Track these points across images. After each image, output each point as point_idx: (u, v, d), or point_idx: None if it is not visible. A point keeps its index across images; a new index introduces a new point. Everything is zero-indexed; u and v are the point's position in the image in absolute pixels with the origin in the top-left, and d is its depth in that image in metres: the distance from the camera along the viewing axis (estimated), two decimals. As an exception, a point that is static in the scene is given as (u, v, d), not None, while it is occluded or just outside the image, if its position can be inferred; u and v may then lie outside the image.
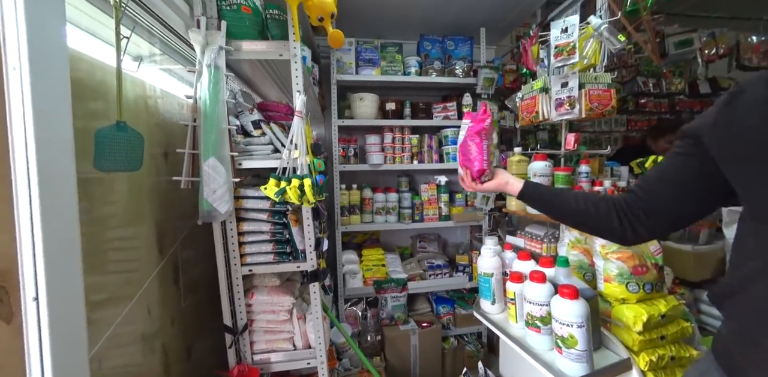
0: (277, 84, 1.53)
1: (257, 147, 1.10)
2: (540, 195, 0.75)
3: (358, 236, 2.04)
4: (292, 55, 1.06)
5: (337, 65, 1.74)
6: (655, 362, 0.73)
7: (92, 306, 0.66)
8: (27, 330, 0.46)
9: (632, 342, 0.76)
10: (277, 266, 1.04)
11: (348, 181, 1.80)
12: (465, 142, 0.85)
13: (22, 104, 0.50)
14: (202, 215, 0.94)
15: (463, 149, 0.85)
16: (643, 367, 0.73)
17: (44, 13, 0.53)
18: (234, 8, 1.06)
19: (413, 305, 1.90)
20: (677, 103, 2.57)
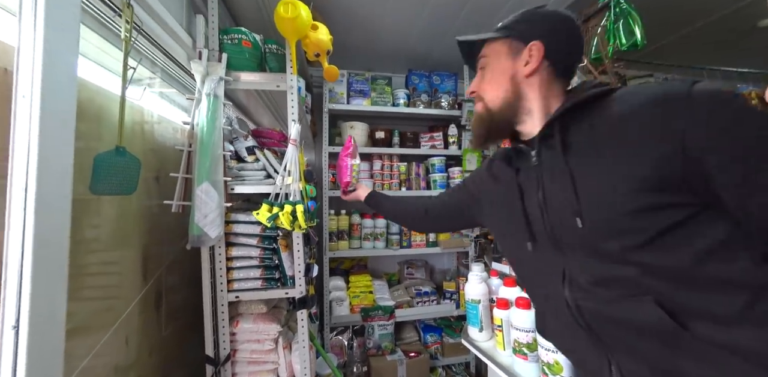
0: (270, 111, 1.59)
1: (250, 173, 1.12)
2: (377, 202, 1.08)
3: (346, 262, 2.01)
4: (288, 86, 1.13)
5: (330, 95, 1.83)
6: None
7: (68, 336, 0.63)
8: (1, 359, 0.44)
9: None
10: (264, 292, 1.02)
11: (337, 206, 1.82)
12: (338, 161, 1.18)
13: (28, 132, 0.51)
14: (191, 240, 0.93)
15: (338, 167, 1.18)
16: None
17: (60, 46, 0.57)
18: (235, 42, 1.14)
19: (400, 333, 1.84)
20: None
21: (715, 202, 0.41)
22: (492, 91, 0.59)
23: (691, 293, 0.41)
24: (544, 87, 0.56)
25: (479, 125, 0.62)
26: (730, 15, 1.65)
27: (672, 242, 0.42)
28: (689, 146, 0.40)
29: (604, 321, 0.48)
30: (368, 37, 1.70)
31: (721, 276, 0.40)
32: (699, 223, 0.42)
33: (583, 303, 0.49)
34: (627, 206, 0.43)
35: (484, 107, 0.60)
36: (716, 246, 0.41)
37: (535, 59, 0.55)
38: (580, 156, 0.49)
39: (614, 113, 0.46)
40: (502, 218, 0.65)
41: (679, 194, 0.42)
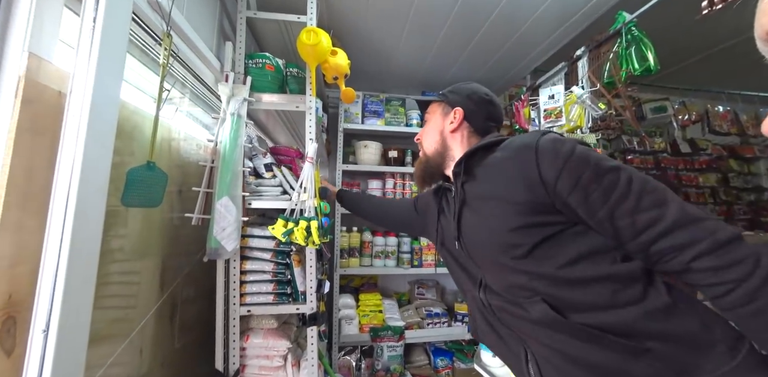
0: (288, 129, 1.66)
1: (267, 188, 1.16)
2: (349, 197, 1.29)
3: (356, 280, 2.00)
4: (307, 107, 1.19)
5: (345, 115, 1.90)
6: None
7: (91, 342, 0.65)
8: (28, 364, 0.46)
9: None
10: (276, 307, 1.02)
11: (349, 223, 1.84)
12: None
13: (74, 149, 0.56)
14: (209, 252, 0.96)
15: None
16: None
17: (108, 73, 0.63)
18: (259, 66, 1.22)
19: (410, 356, 1.78)
20: (662, 160, 2.75)
21: (581, 220, 0.54)
22: (428, 141, 0.78)
23: (570, 290, 0.53)
24: (464, 141, 0.73)
25: (418, 167, 0.79)
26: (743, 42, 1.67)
27: (546, 253, 0.54)
28: (546, 180, 0.53)
29: (510, 316, 0.60)
30: (383, 62, 1.78)
31: (590, 275, 0.52)
32: (567, 236, 0.54)
33: (493, 302, 0.63)
34: (509, 224, 0.57)
35: (423, 152, 0.79)
36: (584, 253, 0.53)
37: (457, 121, 0.73)
38: (477, 186, 0.65)
39: (497, 156, 0.63)
40: (433, 233, 0.82)
41: (548, 215, 0.55)
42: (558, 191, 0.53)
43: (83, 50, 0.57)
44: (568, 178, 0.52)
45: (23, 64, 0.51)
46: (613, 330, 0.50)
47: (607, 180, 0.51)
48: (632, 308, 0.49)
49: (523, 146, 0.57)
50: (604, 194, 0.51)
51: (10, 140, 0.49)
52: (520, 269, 0.56)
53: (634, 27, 1.08)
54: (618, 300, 0.50)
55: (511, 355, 0.64)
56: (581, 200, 0.52)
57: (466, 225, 0.66)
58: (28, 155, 0.52)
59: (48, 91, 0.56)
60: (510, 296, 0.59)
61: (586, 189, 0.51)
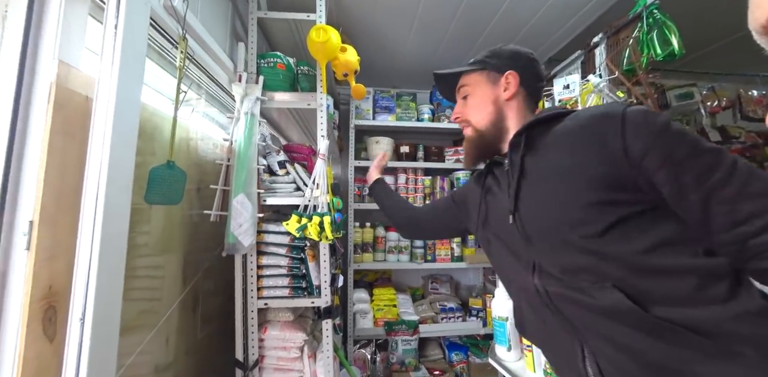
0: (300, 127, 1.69)
1: (281, 185, 1.19)
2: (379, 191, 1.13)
3: (370, 275, 2.02)
4: (318, 104, 1.21)
5: (356, 112, 1.91)
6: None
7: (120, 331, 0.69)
8: (68, 349, 0.50)
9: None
10: (292, 300, 1.06)
11: (362, 219, 1.86)
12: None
13: (101, 149, 0.60)
14: (227, 248, 1.00)
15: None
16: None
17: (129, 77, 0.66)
18: (271, 65, 1.24)
19: (424, 350, 1.79)
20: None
21: (662, 203, 0.48)
22: (478, 114, 0.69)
23: (646, 279, 0.47)
24: (521, 108, 0.67)
25: (470, 145, 0.71)
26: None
27: (623, 234, 0.49)
28: (631, 152, 0.48)
29: (571, 304, 0.53)
30: (393, 57, 1.78)
31: (671, 265, 0.47)
32: (648, 219, 0.49)
33: (551, 288, 0.55)
34: (581, 199, 0.51)
35: (473, 129, 0.70)
36: (666, 239, 0.48)
37: (513, 86, 0.66)
38: (539, 159, 0.59)
39: (568, 125, 0.57)
40: (474, 217, 0.75)
41: (626, 192, 0.50)
42: (644, 166, 0.47)
43: (107, 56, 0.60)
44: (659, 153, 0.46)
45: (54, 71, 0.55)
46: (697, 329, 0.44)
47: (706, 161, 0.45)
48: (717, 307, 0.44)
49: (604, 116, 0.52)
50: (701, 175, 0.45)
51: (44, 142, 0.53)
52: (590, 249, 0.50)
53: (657, 10, 1.03)
54: (702, 296, 0.45)
55: (563, 351, 0.57)
56: (670, 179, 0.46)
57: (526, 200, 0.59)
58: (60, 157, 0.56)
59: (76, 97, 0.60)
60: (572, 280, 0.52)
61: (679, 167, 0.46)
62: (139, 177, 0.75)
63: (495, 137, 0.68)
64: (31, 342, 0.50)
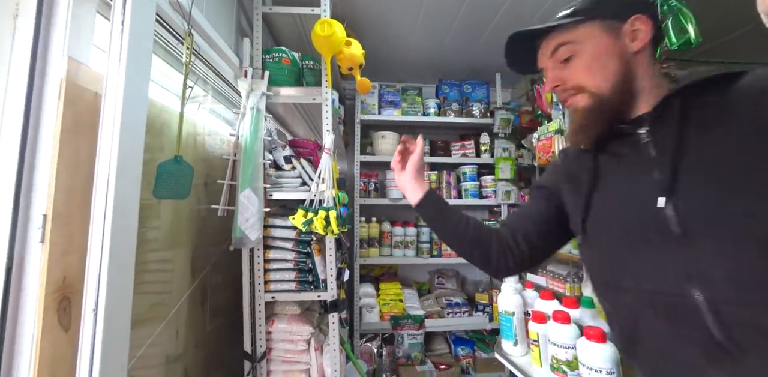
0: (306, 122, 1.69)
1: (287, 180, 1.20)
2: (435, 210, 0.77)
3: (376, 270, 2.03)
4: (323, 99, 1.20)
5: (361, 107, 1.90)
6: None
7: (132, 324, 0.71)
8: (82, 339, 0.52)
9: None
10: (298, 294, 1.07)
11: (367, 214, 1.86)
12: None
13: (110, 145, 0.61)
14: (234, 242, 1.01)
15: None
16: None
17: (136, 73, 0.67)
18: (276, 60, 1.24)
19: (431, 344, 1.81)
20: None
21: None
22: (598, 75, 0.52)
23: None
24: (650, 64, 0.52)
25: (589, 116, 0.53)
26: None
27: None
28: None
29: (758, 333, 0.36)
30: (398, 50, 1.76)
31: None
32: None
33: (727, 307, 0.38)
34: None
35: (592, 95, 0.52)
36: None
37: (645, 34, 0.50)
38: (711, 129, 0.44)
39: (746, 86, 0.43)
40: (580, 206, 0.57)
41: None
42: None
43: (114, 52, 0.60)
44: None
45: (64, 68, 0.55)
46: None
47: None
48: None
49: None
50: None
51: (56, 138, 0.54)
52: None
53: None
54: None
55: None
56: None
57: (691, 182, 0.44)
58: (71, 152, 0.57)
59: (86, 93, 0.61)
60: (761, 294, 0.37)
61: None
62: (147, 173, 0.76)
63: (621, 103, 0.52)
64: (47, 332, 0.51)
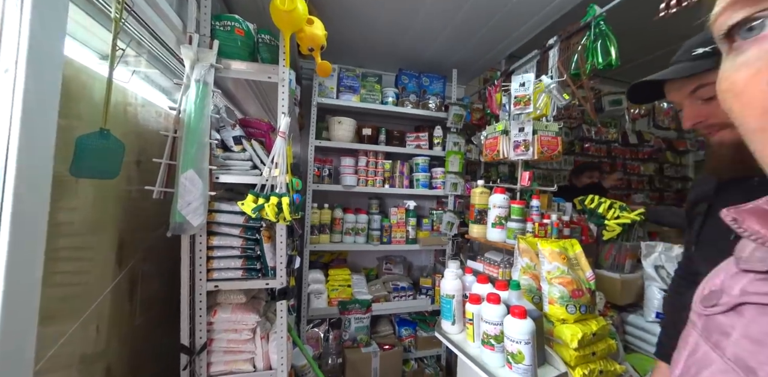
0: (258, 100, 1.58)
1: (236, 162, 1.11)
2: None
3: (326, 256, 2.03)
4: (280, 79, 1.13)
5: (319, 89, 1.83)
6: (588, 375, 0.83)
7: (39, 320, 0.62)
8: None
9: (569, 357, 0.85)
10: (245, 282, 1.02)
11: (320, 200, 1.83)
12: None
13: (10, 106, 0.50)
14: (172, 227, 0.92)
15: None
16: (579, 381, 0.82)
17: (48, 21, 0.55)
18: (227, 29, 1.12)
19: (376, 327, 1.89)
20: (613, 149, 2.99)
21: None
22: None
23: None
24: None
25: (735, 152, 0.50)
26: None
27: None
28: None
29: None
30: (362, 34, 1.71)
31: None
32: None
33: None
34: None
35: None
36: None
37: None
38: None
39: None
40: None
41: None
42: None
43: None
44: None
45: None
46: None
47: None
48: None
49: None
50: None
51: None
52: None
53: (603, 21, 1.13)
54: None
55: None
56: None
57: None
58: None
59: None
60: None
61: None
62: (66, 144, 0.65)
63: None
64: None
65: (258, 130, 1.28)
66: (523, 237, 1.07)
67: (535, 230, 1.08)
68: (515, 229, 1.16)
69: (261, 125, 1.28)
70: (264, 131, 1.28)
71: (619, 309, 1.27)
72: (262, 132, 1.28)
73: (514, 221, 1.17)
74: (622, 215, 1.16)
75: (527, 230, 1.12)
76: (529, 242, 1.03)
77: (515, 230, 1.16)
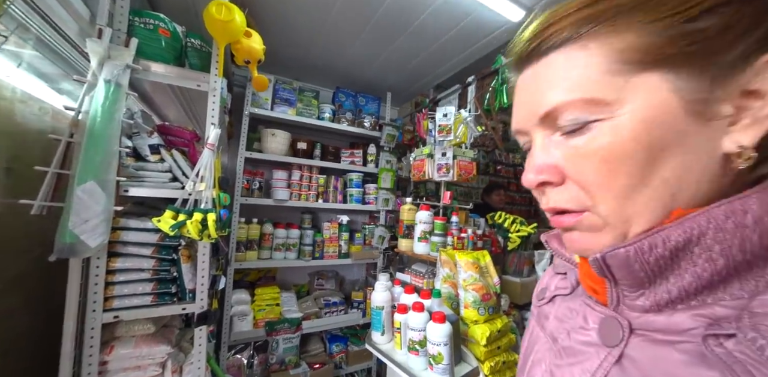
0: (182, 106, 1.45)
1: (152, 174, 1.00)
2: None
3: (252, 274, 1.90)
4: (211, 88, 1.08)
5: (252, 98, 1.77)
6: (494, 367, 0.97)
7: None
8: None
9: (480, 353, 0.98)
10: (156, 309, 0.90)
11: (248, 215, 1.73)
12: None
13: None
14: (60, 249, 0.78)
15: None
16: (487, 372, 0.95)
17: None
18: (150, 28, 1.03)
19: (306, 346, 1.82)
20: (518, 171, 3.54)
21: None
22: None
23: None
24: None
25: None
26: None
27: None
28: None
29: None
30: (301, 49, 1.73)
31: None
32: None
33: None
34: None
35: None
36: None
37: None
38: None
39: None
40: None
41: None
42: None
43: None
44: None
45: None
46: None
47: None
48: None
49: None
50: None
51: None
52: None
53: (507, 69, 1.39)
54: None
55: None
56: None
57: None
58: None
59: None
60: None
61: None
62: None
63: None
64: None
65: (180, 138, 1.18)
66: (444, 250, 1.20)
67: (454, 243, 1.22)
68: (438, 242, 1.29)
69: (184, 134, 1.18)
70: (187, 140, 1.18)
71: (519, 308, 1.50)
72: (185, 141, 1.18)
73: (437, 236, 1.30)
74: (522, 228, 1.39)
75: (448, 243, 1.26)
76: (449, 254, 1.16)
77: (438, 244, 1.29)
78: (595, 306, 0.29)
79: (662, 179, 0.22)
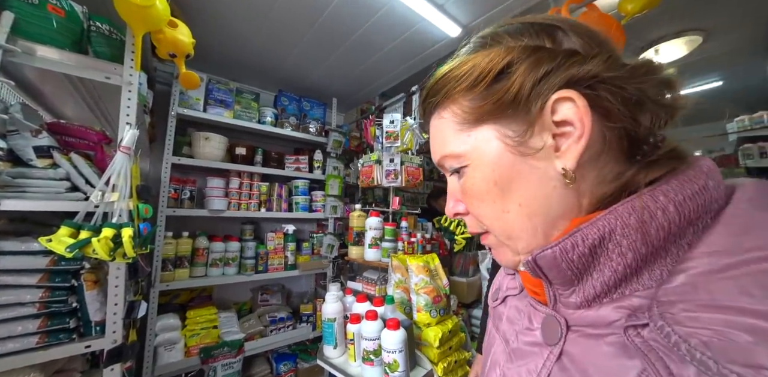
0: (84, 101, 1.22)
1: (38, 182, 0.82)
2: None
3: (183, 295, 1.66)
4: (125, 82, 0.93)
5: (180, 98, 1.58)
6: (447, 367, 0.98)
7: None
8: None
9: (433, 355, 0.99)
10: (45, 352, 0.72)
11: (177, 228, 1.52)
12: None
13: None
14: None
15: None
16: (440, 374, 0.96)
17: None
18: (35, 3, 0.86)
19: (250, 369, 1.65)
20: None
21: None
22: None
23: None
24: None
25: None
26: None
27: None
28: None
29: None
30: (237, 47, 1.60)
31: None
32: None
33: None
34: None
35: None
36: None
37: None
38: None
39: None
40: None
41: None
42: None
43: None
44: None
45: None
46: None
47: None
48: None
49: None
50: None
51: None
52: None
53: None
54: None
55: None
56: None
57: None
58: None
59: None
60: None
61: None
62: None
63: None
64: None
65: (83, 140, 0.99)
66: (395, 255, 1.20)
67: (404, 248, 1.23)
68: (389, 248, 1.28)
69: (88, 134, 1.00)
70: (94, 142, 1.00)
71: (467, 307, 1.57)
72: (89, 143, 1.00)
73: (387, 241, 1.30)
74: (466, 230, 1.46)
75: (398, 248, 1.26)
76: (400, 259, 1.16)
77: (389, 250, 1.28)
78: (537, 306, 0.31)
79: (517, 204, 0.27)
